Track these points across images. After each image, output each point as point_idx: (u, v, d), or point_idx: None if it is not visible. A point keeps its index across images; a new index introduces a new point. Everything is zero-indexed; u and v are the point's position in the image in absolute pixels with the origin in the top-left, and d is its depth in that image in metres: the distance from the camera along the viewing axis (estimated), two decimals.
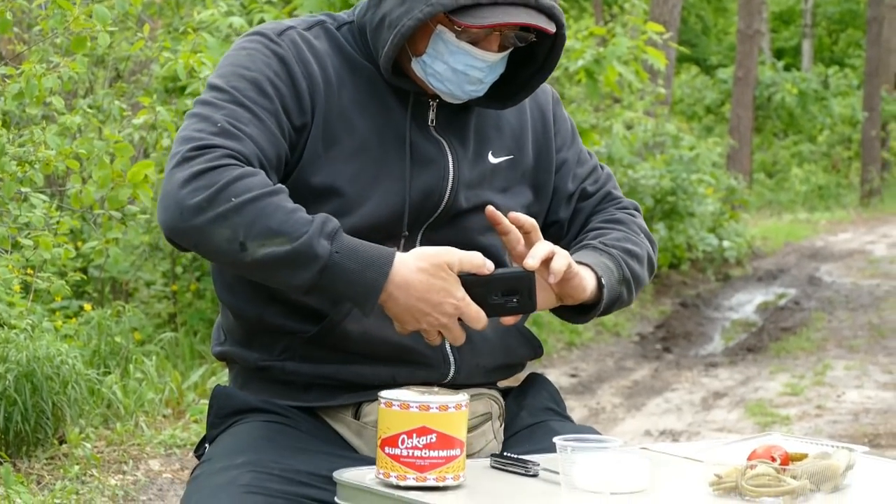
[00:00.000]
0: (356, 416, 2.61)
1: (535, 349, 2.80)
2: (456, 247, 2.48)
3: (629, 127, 13.81)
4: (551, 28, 2.52)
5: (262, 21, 8.52)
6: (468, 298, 2.40)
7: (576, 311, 2.66)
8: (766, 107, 29.07)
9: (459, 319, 2.42)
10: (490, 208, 2.53)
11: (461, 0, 2.46)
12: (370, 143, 2.58)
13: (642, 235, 2.79)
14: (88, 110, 7.45)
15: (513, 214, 2.53)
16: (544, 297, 2.53)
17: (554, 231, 2.82)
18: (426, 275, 2.39)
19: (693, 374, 9.88)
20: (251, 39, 2.59)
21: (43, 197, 6.38)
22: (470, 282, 2.41)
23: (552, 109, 2.85)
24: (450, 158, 2.64)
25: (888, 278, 15.97)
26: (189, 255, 9.07)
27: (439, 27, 2.53)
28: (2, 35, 6.24)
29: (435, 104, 2.64)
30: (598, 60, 10.26)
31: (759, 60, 26.48)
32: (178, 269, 9.11)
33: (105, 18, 6.02)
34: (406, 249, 2.49)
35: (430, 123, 2.64)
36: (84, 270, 8.41)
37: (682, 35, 26.90)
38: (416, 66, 2.58)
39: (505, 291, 2.44)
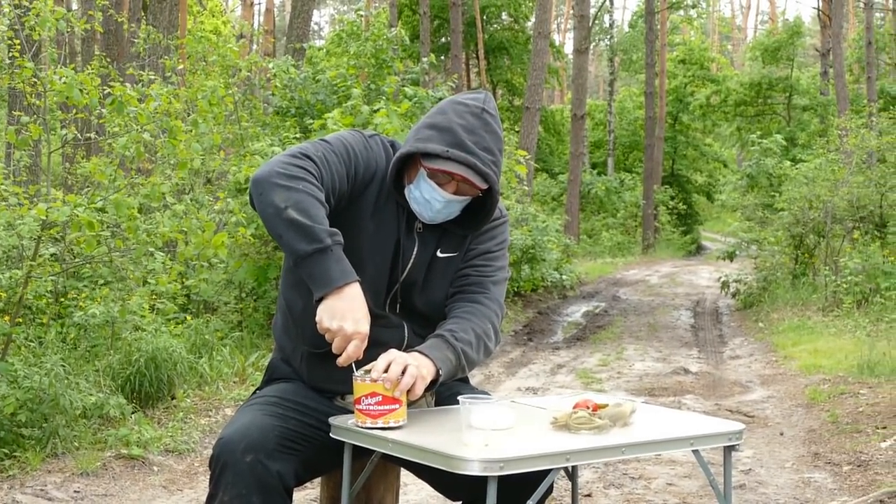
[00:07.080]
0: (342, 398, 2.46)
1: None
2: (407, 324, 2.39)
3: (507, 209, 13.80)
4: (481, 185, 2.30)
5: None
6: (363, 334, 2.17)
7: None
8: (587, 197, 29.30)
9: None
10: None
11: (429, 149, 2.28)
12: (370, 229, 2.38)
13: (489, 325, 2.39)
14: (190, 202, 7.39)
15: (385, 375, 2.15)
16: None
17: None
18: (360, 306, 2.17)
19: (545, 354, 9.88)
20: (354, 132, 2.40)
21: (161, 254, 6.32)
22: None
23: (492, 225, 2.49)
24: (416, 250, 2.41)
25: (658, 296, 16.07)
26: (250, 285, 8.99)
27: (422, 167, 2.33)
28: (139, 158, 6.17)
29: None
30: None
31: (583, 170, 26.71)
32: (243, 295, 9.02)
33: (198, 149, 6.04)
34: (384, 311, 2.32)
35: (417, 229, 2.41)
36: (187, 296, 8.33)
37: (538, 154, 27.09)
38: (406, 190, 2.37)
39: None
